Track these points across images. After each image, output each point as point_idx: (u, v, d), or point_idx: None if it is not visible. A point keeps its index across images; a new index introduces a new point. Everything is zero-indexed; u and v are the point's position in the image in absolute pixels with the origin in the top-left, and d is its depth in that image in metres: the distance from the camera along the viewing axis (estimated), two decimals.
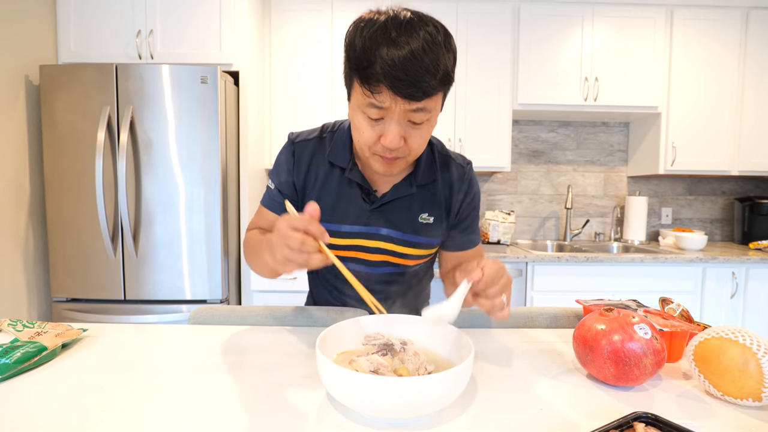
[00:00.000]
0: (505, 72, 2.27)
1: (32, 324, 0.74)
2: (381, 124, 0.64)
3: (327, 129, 0.84)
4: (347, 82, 0.67)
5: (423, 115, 0.63)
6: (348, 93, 0.69)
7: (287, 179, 0.82)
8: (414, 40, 0.57)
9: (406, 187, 0.79)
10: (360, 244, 0.82)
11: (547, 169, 2.67)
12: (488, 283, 0.58)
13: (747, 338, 0.54)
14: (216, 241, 1.83)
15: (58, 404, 0.53)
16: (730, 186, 2.70)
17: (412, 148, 0.67)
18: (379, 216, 0.80)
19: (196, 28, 1.94)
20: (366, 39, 0.59)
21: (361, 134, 0.67)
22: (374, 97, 0.60)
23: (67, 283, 1.83)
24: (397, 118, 0.62)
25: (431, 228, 0.82)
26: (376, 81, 0.59)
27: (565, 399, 0.56)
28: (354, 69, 0.62)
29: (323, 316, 0.88)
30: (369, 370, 0.54)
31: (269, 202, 0.84)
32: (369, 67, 0.59)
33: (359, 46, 0.60)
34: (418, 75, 0.57)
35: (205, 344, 0.74)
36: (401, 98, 0.59)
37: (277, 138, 2.27)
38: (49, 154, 1.79)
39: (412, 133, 0.65)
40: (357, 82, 0.62)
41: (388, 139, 0.63)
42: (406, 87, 0.58)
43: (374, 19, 0.61)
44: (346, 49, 0.63)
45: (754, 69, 2.31)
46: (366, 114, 0.64)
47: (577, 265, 2.07)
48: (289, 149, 0.82)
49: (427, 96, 0.60)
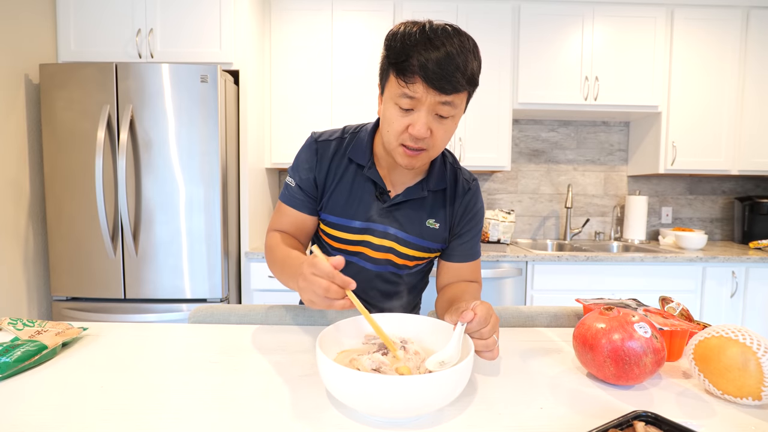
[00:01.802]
0: (505, 71, 2.27)
1: (32, 323, 0.74)
2: (410, 115, 0.69)
3: (349, 130, 0.88)
4: (383, 75, 0.73)
5: (450, 109, 0.68)
6: (381, 88, 0.74)
7: (308, 176, 0.85)
8: (449, 44, 0.64)
9: (418, 191, 0.83)
10: (367, 240, 0.85)
11: (547, 169, 2.67)
12: (481, 323, 0.59)
13: (747, 337, 0.54)
14: (216, 240, 1.83)
15: (58, 403, 0.53)
16: (730, 185, 2.70)
17: (435, 141, 0.72)
18: (389, 215, 0.83)
19: (196, 26, 1.93)
20: (406, 37, 0.66)
21: (390, 124, 0.72)
22: (408, 87, 0.66)
23: (67, 282, 1.83)
24: (427, 108, 0.67)
25: (436, 233, 0.86)
26: (411, 73, 0.65)
27: (565, 398, 0.56)
28: (392, 62, 0.68)
29: (323, 316, 0.89)
30: (370, 369, 0.54)
31: (289, 198, 0.87)
32: (406, 60, 0.65)
33: (399, 42, 0.67)
34: (449, 71, 0.64)
35: (205, 343, 0.75)
36: (433, 89, 0.65)
37: (277, 137, 2.27)
38: (49, 153, 1.79)
39: (438, 126, 0.70)
40: (393, 74, 0.68)
41: (416, 128, 0.68)
42: (439, 80, 0.64)
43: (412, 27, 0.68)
44: (386, 45, 0.70)
45: (754, 68, 2.30)
46: (398, 105, 0.69)
47: (577, 264, 2.07)
48: (311, 147, 0.85)
49: (455, 91, 0.66)
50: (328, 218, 0.85)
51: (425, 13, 2.22)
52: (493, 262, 2.05)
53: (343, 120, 2.24)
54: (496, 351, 0.61)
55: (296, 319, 0.88)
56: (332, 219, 0.85)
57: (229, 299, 1.94)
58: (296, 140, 2.23)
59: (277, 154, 2.28)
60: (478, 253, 0.91)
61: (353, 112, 2.24)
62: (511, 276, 2.07)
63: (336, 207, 0.84)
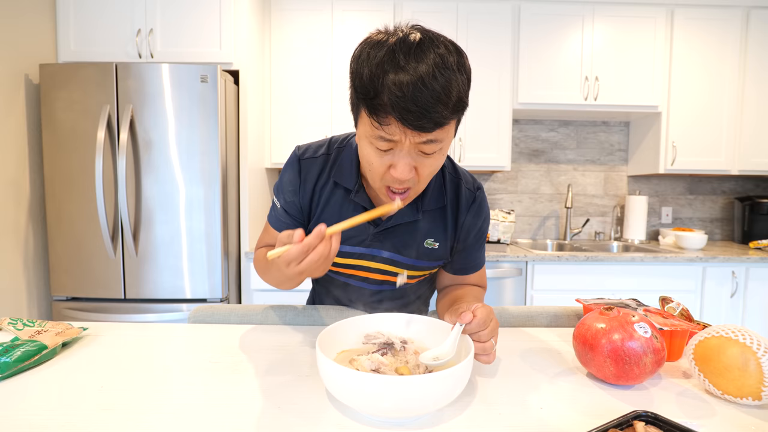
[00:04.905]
0: (505, 71, 2.27)
1: (32, 323, 0.74)
2: (390, 155, 0.61)
3: (334, 144, 0.79)
4: (354, 109, 0.64)
5: (434, 146, 0.59)
6: (355, 120, 0.65)
7: (293, 199, 0.79)
8: (423, 65, 0.53)
9: (411, 213, 0.76)
10: (362, 265, 0.81)
11: (548, 169, 2.67)
12: (479, 325, 0.58)
13: (747, 337, 0.54)
14: (216, 240, 1.83)
15: (58, 403, 0.53)
16: (730, 185, 2.70)
17: (422, 177, 0.64)
18: (382, 239, 0.78)
19: (196, 27, 1.93)
20: (373, 66, 0.55)
21: (370, 164, 0.64)
22: (383, 129, 0.57)
23: (67, 282, 1.83)
24: (407, 149, 0.59)
25: (435, 252, 0.81)
26: (384, 112, 0.55)
27: (565, 398, 0.56)
28: (361, 98, 0.58)
29: (323, 315, 0.89)
30: (370, 369, 0.54)
31: (276, 221, 0.82)
32: (376, 97, 0.55)
33: (366, 73, 0.56)
34: (428, 104, 0.53)
35: (205, 343, 0.75)
36: (411, 130, 0.56)
37: (277, 137, 2.27)
38: (49, 153, 1.79)
39: (424, 163, 0.62)
40: (365, 112, 0.59)
41: (398, 171, 0.60)
42: (416, 119, 0.54)
43: (382, 41, 0.57)
44: (351, 76, 0.60)
45: (754, 68, 2.30)
46: (374, 145, 0.61)
47: (577, 264, 2.07)
48: (295, 167, 0.78)
49: (438, 126, 0.56)
50: None
51: (425, 13, 2.22)
52: (493, 262, 2.05)
53: (342, 120, 2.24)
54: (493, 355, 0.60)
55: (296, 319, 0.88)
56: None
57: (229, 299, 1.94)
58: (296, 140, 2.24)
59: (277, 154, 2.28)
60: (483, 261, 0.87)
61: None
62: (511, 276, 2.07)
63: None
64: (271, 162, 2.29)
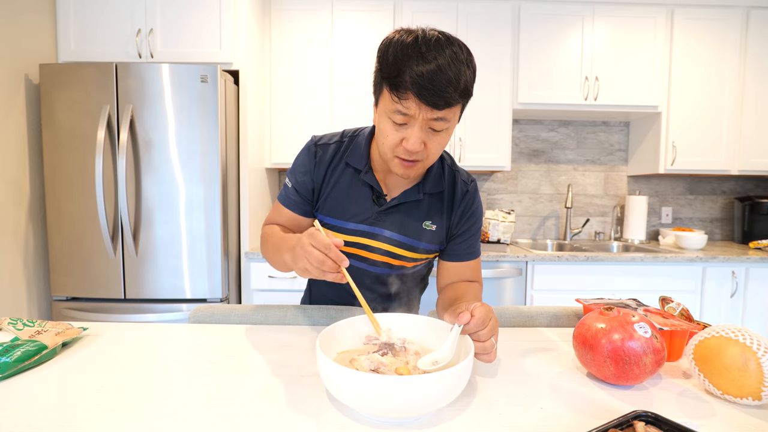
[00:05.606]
0: (505, 71, 2.27)
1: (32, 323, 0.74)
2: (404, 130, 0.70)
3: (347, 134, 0.89)
4: (376, 89, 0.74)
5: (443, 123, 0.69)
6: (376, 99, 0.75)
7: (304, 179, 0.87)
8: (441, 57, 0.64)
9: (413, 194, 0.84)
10: (364, 243, 0.86)
11: (548, 169, 2.67)
12: (478, 325, 0.59)
13: (747, 337, 0.54)
14: (216, 240, 1.83)
15: (57, 403, 0.53)
16: (730, 185, 2.70)
17: (429, 153, 0.73)
18: (385, 218, 0.85)
19: (196, 27, 1.93)
20: (398, 51, 0.66)
21: (385, 137, 0.73)
22: (401, 103, 0.66)
23: (67, 282, 1.83)
24: (420, 124, 0.68)
25: (433, 235, 0.87)
26: (404, 89, 0.65)
27: (565, 398, 0.56)
28: (385, 77, 0.68)
29: (323, 316, 0.89)
30: (369, 369, 0.54)
31: (285, 199, 0.90)
32: (399, 76, 0.65)
33: (391, 57, 0.66)
34: (442, 86, 0.64)
35: (205, 343, 0.75)
36: (425, 106, 0.65)
37: (277, 137, 2.27)
38: (49, 153, 1.79)
39: (432, 139, 0.71)
40: (386, 90, 0.69)
41: (410, 143, 0.70)
42: (431, 96, 0.64)
43: (405, 38, 0.67)
44: (378, 60, 0.70)
45: (754, 68, 2.30)
46: (392, 119, 0.70)
47: (577, 264, 2.07)
48: (310, 150, 0.87)
49: (448, 105, 0.66)
50: (325, 220, 0.86)
51: (425, 13, 2.22)
52: (493, 262, 2.05)
53: (343, 120, 2.24)
54: (494, 354, 0.60)
55: (296, 319, 0.88)
56: (329, 221, 0.86)
57: (229, 299, 1.94)
58: (296, 140, 2.24)
59: (277, 154, 2.28)
60: (478, 251, 0.92)
61: (353, 111, 2.24)
62: (511, 276, 2.07)
63: (332, 209, 0.86)
64: (271, 162, 2.29)
